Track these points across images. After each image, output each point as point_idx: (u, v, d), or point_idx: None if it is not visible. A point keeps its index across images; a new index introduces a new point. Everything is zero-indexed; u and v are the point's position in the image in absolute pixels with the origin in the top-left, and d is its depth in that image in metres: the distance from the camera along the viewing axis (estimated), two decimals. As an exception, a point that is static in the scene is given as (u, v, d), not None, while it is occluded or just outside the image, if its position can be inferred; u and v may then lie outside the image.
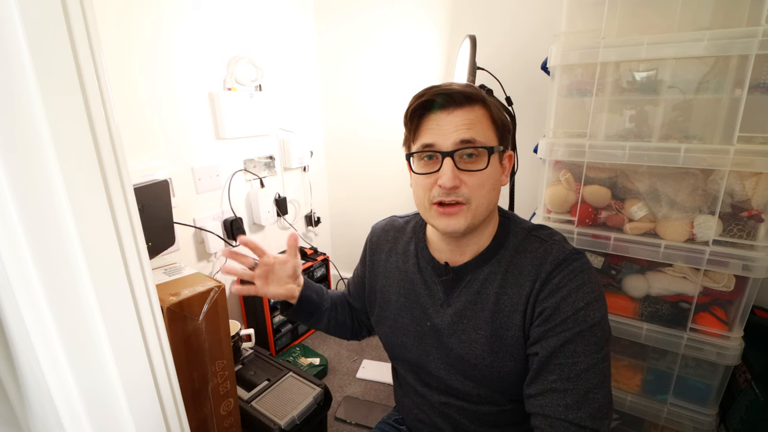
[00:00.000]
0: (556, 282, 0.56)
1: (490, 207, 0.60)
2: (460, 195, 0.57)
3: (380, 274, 0.74)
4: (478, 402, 0.65)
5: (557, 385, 0.54)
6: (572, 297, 0.55)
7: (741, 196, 0.85)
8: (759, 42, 0.76)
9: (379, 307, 0.74)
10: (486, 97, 0.59)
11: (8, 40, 0.37)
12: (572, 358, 0.54)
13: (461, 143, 0.56)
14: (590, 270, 0.58)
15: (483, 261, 0.63)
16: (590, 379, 0.53)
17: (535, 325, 0.57)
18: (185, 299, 0.86)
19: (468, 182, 0.56)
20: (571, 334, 0.54)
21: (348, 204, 2.15)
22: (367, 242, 0.79)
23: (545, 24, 1.37)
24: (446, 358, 0.65)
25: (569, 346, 0.54)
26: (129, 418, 0.53)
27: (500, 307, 0.60)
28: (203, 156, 1.49)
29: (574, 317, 0.54)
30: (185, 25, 1.35)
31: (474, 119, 0.57)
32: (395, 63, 1.77)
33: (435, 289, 0.66)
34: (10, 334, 0.46)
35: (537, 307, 0.57)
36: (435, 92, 0.57)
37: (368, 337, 0.85)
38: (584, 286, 0.56)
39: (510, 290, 0.60)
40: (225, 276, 1.65)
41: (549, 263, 0.58)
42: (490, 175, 0.58)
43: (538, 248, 0.60)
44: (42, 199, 0.42)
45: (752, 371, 1.05)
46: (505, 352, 0.60)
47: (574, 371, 0.53)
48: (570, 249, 0.59)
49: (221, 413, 1.01)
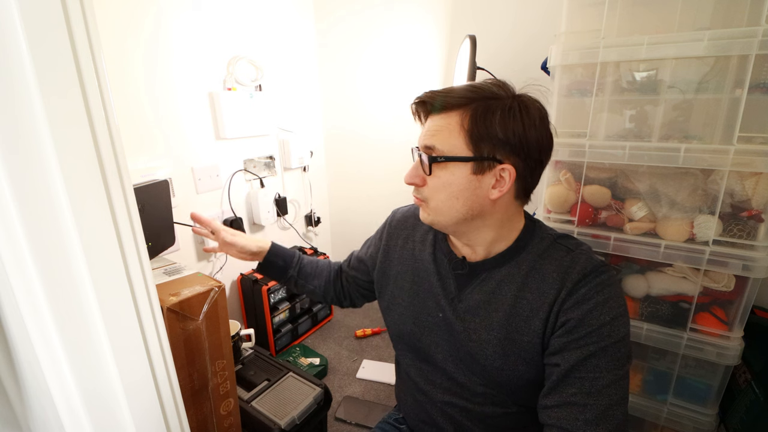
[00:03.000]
0: (582, 293, 0.55)
1: (452, 213, 0.59)
2: (419, 192, 0.62)
3: (395, 260, 0.75)
4: (483, 402, 0.64)
5: (577, 399, 0.53)
6: (598, 310, 0.54)
7: (741, 196, 0.85)
8: (759, 42, 0.76)
9: (390, 293, 0.74)
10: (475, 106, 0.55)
11: (8, 40, 0.37)
12: (594, 373, 0.53)
13: (425, 148, 0.59)
14: (617, 284, 0.57)
15: (502, 261, 0.62)
16: (611, 395, 0.52)
17: (557, 335, 0.56)
18: (185, 299, 0.86)
19: (429, 184, 0.60)
20: (595, 348, 0.53)
21: (348, 204, 2.15)
22: (386, 224, 0.80)
23: (545, 24, 1.37)
24: (455, 352, 0.65)
25: (592, 360, 0.53)
26: (129, 418, 0.53)
27: (517, 310, 0.59)
28: (203, 156, 1.49)
29: (599, 331, 0.54)
30: (185, 24, 1.35)
31: (442, 126, 0.57)
32: (395, 63, 1.77)
33: (448, 282, 0.66)
34: (10, 334, 0.46)
35: (561, 316, 0.56)
36: (420, 97, 0.60)
37: (350, 307, 0.91)
38: (611, 300, 0.55)
39: (530, 295, 0.59)
40: (225, 276, 1.65)
41: (576, 273, 0.57)
42: (450, 183, 0.57)
43: (565, 257, 0.59)
44: (42, 199, 0.41)
45: (752, 371, 1.05)
46: (518, 356, 0.59)
47: (595, 386, 0.53)
48: (598, 261, 0.58)
49: (221, 413, 1.01)
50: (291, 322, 1.77)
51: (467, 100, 0.56)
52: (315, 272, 0.88)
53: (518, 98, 0.57)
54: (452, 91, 0.58)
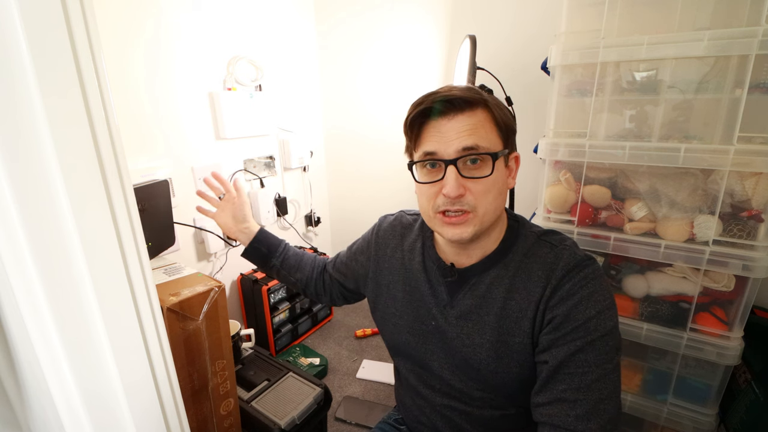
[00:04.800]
0: (567, 288, 0.55)
1: (497, 212, 0.58)
2: (465, 203, 0.55)
3: (385, 270, 0.74)
4: (481, 406, 0.64)
5: (567, 395, 0.53)
6: (583, 305, 0.54)
7: (741, 196, 0.85)
8: (759, 42, 0.76)
9: (384, 303, 0.73)
10: (488, 99, 0.57)
11: (8, 40, 0.37)
12: (583, 368, 0.53)
13: (464, 150, 0.54)
14: (602, 277, 0.56)
15: (490, 264, 0.61)
16: (601, 389, 0.52)
17: (544, 332, 0.56)
18: (185, 299, 0.86)
19: (473, 189, 0.55)
20: (582, 343, 0.53)
21: (348, 204, 2.15)
22: (374, 232, 0.78)
23: (545, 24, 1.37)
24: (450, 359, 0.65)
25: (580, 356, 0.53)
26: (129, 418, 0.53)
27: (507, 312, 0.59)
28: (203, 156, 1.49)
29: (585, 326, 0.53)
30: (185, 24, 1.35)
31: (476, 124, 0.55)
32: (395, 63, 1.77)
33: (439, 290, 0.66)
34: (10, 334, 0.46)
35: (547, 314, 0.56)
36: (434, 99, 0.55)
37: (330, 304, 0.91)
38: (596, 293, 0.54)
39: (518, 295, 0.59)
40: (225, 276, 1.65)
41: (560, 269, 0.56)
42: (496, 181, 0.56)
43: (549, 253, 0.59)
44: (42, 199, 0.41)
45: (752, 371, 1.05)
46: (511, 358, 0.59)
47: (584, 381, 0.52)
48: (581, 255, 0.58)
49: (221, 413, 1.01)
50: (291, 322, 1.77)
51: (483, 98, 0.56)
52: (299, 265, 0.87)
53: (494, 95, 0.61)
54: (455, 90, 0.57)
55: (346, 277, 0.82)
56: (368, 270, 0.77)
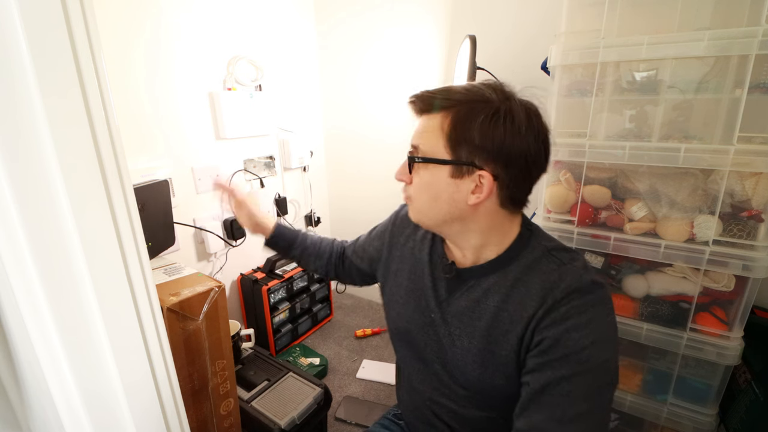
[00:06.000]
0: (562, 312, 0.51)
1: (440, 216, 0.58)
2: (406, 190, 0.62)
3: (396, 257, 0.75)
4: (466, 405, 0.65)
5: (545, 426, 0.50)
6: (578, 332, 0.50)
7: (741, 196, 0.85)
8: (759, 42, 0.76)
9: (390, 289, 0.75)
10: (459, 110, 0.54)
11: (8, 40, 0.37)
12: (567, 399, 0.49)
13: (411, 147, 0.60)
14: (605, 305, 0.53)
15: (490, 270, 0.60)
16: (584, 428, 0.49)
17: (531, 354, 0.53)
18: (185, 299, 0.86)
19: (413, 183, 0.60)
20: (568, 371, 0.49)
21: (348, 204, 2.15)
22: (393, 219, 0.80)
23: (545, 24, 1.37)
24: (442, 354, 0.65)
25: (565, 385, 0.49)
26: (129, 418, 0.53)
27: (498, 322, 0.57)
28: (203, 156, 1.49)
29: (577, 355, 0.49)
30: (185, 24, 1.35)
31: (428, 127, 0.57)
32: (395, 63, 1.77)
33: (439, 285, 0.66)
34: (10, 334, 0.46)
35: (536, 334, 0.53)
36: (410, 97, 0.60)
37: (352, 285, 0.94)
38: (594, 321, 0.51)
39: (512, 307, 0.57)
40: (225, 276, 1.65)
41: (561, 290, 0.53)
42: (430, 185, 0.57)
43: (553, 271, 0.55)
44: (42, 199, 0.42)
45: (752, 371, 1.05)
46: (496, 368, 0.58)
47: (567, 414, 0.49)
48: (588, 279, 0.53)
49: (221, 413, 1.01)
50: (291, 322, 1.77)
51: (453, 102, 0.54)
52: (318, 253, 0.91)
53: (508, 103, 0.54)
54: (442, 91, 0.56)
55: (363, 261, 0.85)
56: (381, 254, 0.79)
